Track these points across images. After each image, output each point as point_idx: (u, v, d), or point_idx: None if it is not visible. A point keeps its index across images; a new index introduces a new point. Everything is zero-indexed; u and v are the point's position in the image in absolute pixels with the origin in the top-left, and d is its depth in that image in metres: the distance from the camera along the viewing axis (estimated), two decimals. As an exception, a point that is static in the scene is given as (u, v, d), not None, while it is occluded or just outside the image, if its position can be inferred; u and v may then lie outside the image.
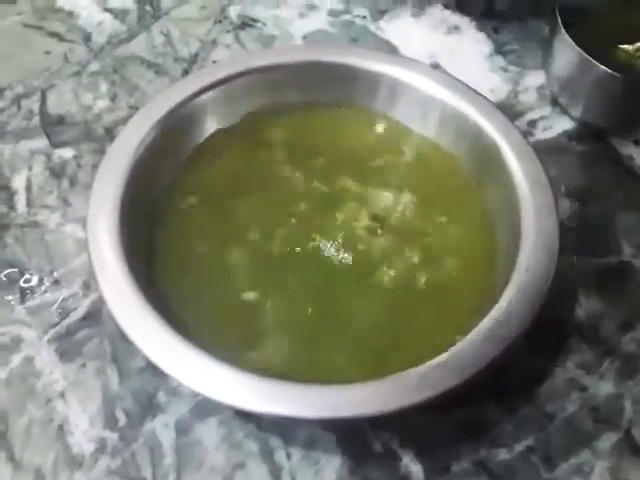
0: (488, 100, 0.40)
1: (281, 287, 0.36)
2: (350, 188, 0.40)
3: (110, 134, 0.45)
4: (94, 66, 0.49)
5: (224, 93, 0.40)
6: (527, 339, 0.34)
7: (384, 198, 0.39)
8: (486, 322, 0.32)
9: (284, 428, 0.35)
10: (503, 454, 0.34)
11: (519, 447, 0.35)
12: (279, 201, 0.39)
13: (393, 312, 0.35)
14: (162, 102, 0.39)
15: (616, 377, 0.37)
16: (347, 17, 0.52)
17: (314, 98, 0.42)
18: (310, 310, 0.35)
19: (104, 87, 0.48)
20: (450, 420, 0.35)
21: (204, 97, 0.40)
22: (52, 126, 0.46)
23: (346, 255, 0.37)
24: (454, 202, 0.39)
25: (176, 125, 0.39)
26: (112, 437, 0.35)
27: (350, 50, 0.43)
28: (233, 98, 0.41)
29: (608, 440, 0.35)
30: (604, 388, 0.36)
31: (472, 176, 0.40)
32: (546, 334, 0.37)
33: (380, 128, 0.42)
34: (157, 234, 0.37)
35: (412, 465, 0.34)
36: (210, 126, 0.41)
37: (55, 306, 0.39)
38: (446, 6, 0.53)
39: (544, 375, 0.37)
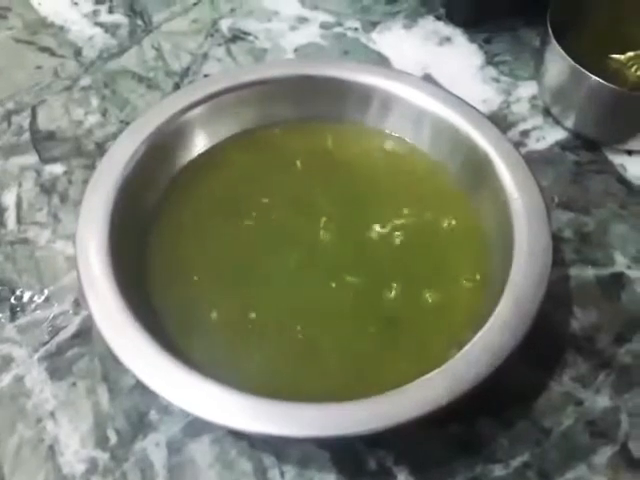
0: (479, 112, 0.40)
1: (275, 305, 0.36)
2: (345, 203, 0.39)
3: (101, 149, 0.45)
4: (85, 81, 0.49)
5: (215, 108, 0.40)
6: (522, 353, 0.33)
7: (377, 213, 0.39)
8: (479, 337, 0.32)
9: (277, 446, 0.34)
10: (499, 470, 0.34)
11: (515, 463, 0.34)
12: (272, 217, 0.39)
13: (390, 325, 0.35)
14: (152, 117, 0.39)
15: (612, 390, 0.36)
16: (339, 29, 0.52)
17: (306, 112, 0.42)
18: (301, 327, 0.35)
19: (95, 102, 0.48)
20: (445, 436, 0.35)
21: (195, 112, 0.40)
22: (42, 142, 0.46)
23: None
24: (446, 213, 0.39)
25: (167, 140, 0.39)
26: (103, 457, 0.34)
27: (341, 64, 0.43)
28: (224, 113, 0.40)
29: (604, 454, 0.34)
30: (600, 401, 0.36)
31: (465, 188, 0.39)
32: (541, 347, 0.37)
33: (375, 142, 0.42)
34: (148, 251, 0.37)
35: (407, 482, 0.34)
36: (201, 141, 0.40)
37: (45, 324, 0.38)
38: (438, 18, 0.53)
39: (539, 389, 0.36)
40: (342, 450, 0.34)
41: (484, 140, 0.39)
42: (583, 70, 0.42)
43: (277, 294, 0.36)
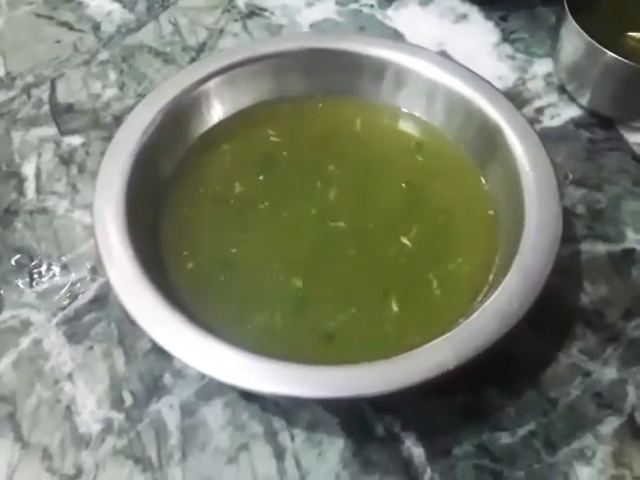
0: (494, 87, 0.41)
1: (290, 267, 0.37)
2: (355, 176, 0.40)
3: (118, 122, 0.46)
4: (103, 55, 0.50)
5: (230, 80, 0.41)
6: (531, 324, 0.34)
7: (390, 187, 0.40)
8: (488, 305, 0.33)
9: (288, 410, 0.35)
10: (505, 438, 0.35)
11: (521, 431, 0.35)
12: (285, 187, 0.40)
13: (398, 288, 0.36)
14: (168, 89, 0.40)
15: (620, 363, 0.37)
16: (355, 6, 0.53)
17: (320, 85, 0.42)
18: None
19: (113, 76, 0.49)
20: (452, 404, 0.36)
21: (210, 84, 0.40)
22: (61, 114, 0.47)
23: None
24: (456, 188, 0.39)
25: (182, 111, 0.40)
26: (118, 417, 0.35)
27: (355, 37, 0.44)
28: (239, 85, 0.41)
29: (611, 425, 0.35)
30: (608, 374, 0.37)
31: (477, 162, 0.40)
32: (550, 320, 0.37)
33: (386, 116, 0.42)
34: (163, 219, 0.38)
35: (414, 448, 0.35)
36: (216, 113, 0.41)
37: (63, 290, 0.39)
38: (454, -6, 0.53)
39: (548, 361, 0.37)
40: (350, 415, 0.35)
41: (498, 115, 0.39)
42: (599, 46, 0.42)
43: (290, 255, 0.37)
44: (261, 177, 0.40)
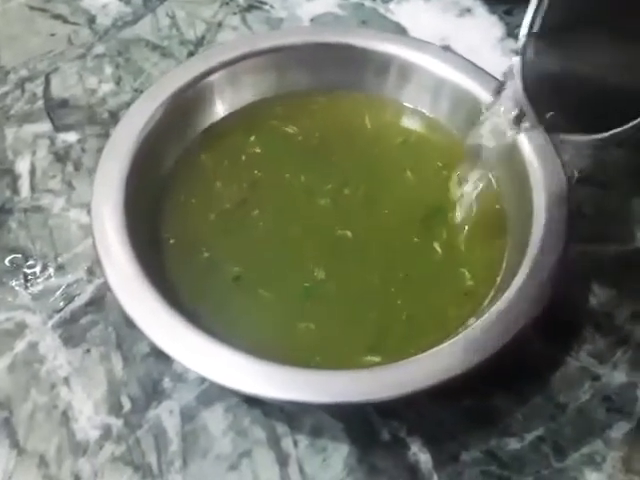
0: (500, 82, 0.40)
1: (290, 267, 0.36)
2: (361, 172, 0.40)
3: (115, 118, 0.45)
4: (99, 49, 0.49)
5: (230, 75, 0.40)
6: (539, 328, 0.34)
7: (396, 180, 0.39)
8: (496, 308, 0.32)
9: (291, 415, 0.35)
10: (513, 443, 0.34)
11: (530, 437, 0.35)
12: (287, 180, 0.39)
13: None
14: (167, 84, 0.39)
15: (629, 366, 0.37)
16: (356, -1, 0.52)
17: (322, 81, 0.42)
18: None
19: (109, 70, 0.48)
20: (460, 409, 0.35)
21: (210, 79, 0.40)
22: (56, 110, 0.46)
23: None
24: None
25: (183, 107, 0.39)
26: (117, 423, 0.35)
27: (358, 31, 0.43)
28: (240, 80, 0.41)
29: (620, 429, 0.35)
30: (617, 377, 0.36)
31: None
32: (559, 323, 0.37)
33: (390, 111, 0.42)
34: (164, 218, 0.37)
35: (420, 454, 0.34)
36: (215, 108, 0.41)
37: (59, 292, 0.39)
38: (458, -12, 0.52)
39: (556, 364, 0.37)
40: (355, 420, 0.35)
41: (505, 112, 0.39)
42: (607, 41, 0.42)
43: (298, 255, 0.36)
44: (265, 173, 0.39)
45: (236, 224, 0.38)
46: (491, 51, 0.49)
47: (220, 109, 0.41)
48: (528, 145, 0.37)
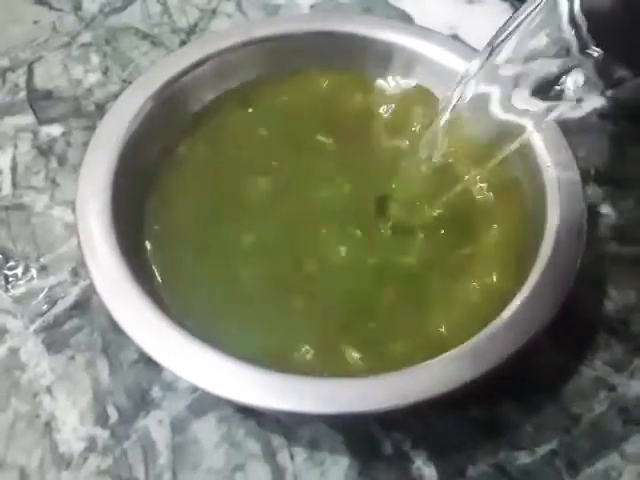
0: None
1: (287, 266, 0.36)
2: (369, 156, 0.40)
3: (102, 110, 0.45)
4: (85, 37, 0.50)
5: (225, 64, 0.40)
6: (552, 334, 0.34)
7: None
8: (505, 314, 0.32)
9: (287, 426, 0.35)
10: (524, 457, 0.35)
11: (541, 450, 0.35)
12: (287, 170, 0.39)
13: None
14: (156, 75, 0.39)
15: (647, 376, 0.37)
16: (359, -15, 0.52)
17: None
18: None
19: (95, 60, 0.48)
20: (467, 420, 0.35)
21: (202, 69, 0.40)
22: (39, 101, 0.46)
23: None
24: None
25: (173, 98, 0.39)
26: (102, 435, 0.35)
27: (361, 19, 0.43)
28: (233, 71, 0.41)
29: (638, 443, 0.35)
30: (634, 387, 0.36)
31: (491, 156, 0.39)
32: (572, 329, 0.37)
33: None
34: (153, 216, 0.38)
35: (425, 468, 0.34)
36: (209, 99, 0.41)
37: (42, 294, 0.39)
38: (467, -27, 0.53)
39: (569, 373, 0.37)
40: (356, 432, 0.35)
41: (515, 105, 0.39)
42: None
43: (297, 252, 0.37)
44: (261, 164, 0.40)
45: (234, 220, 0.38)
46: (502, 40, 0.50)
47: (212, 100, 0.41)
48: (539, 141, 0.37)
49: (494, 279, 0.36)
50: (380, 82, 0.42)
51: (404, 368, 0.31)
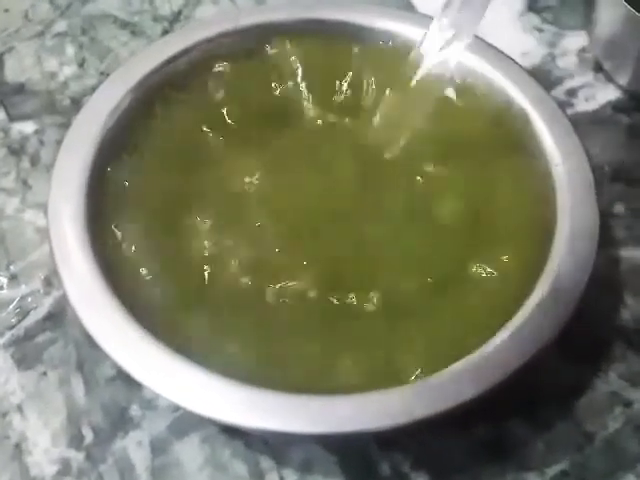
0: (518, 64, 0.41)
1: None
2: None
3: (77, 105, 0.45)
4: (59, 26, 0.50)
5: (209, 55, 0.40)
6: (562, 345, 0.34)
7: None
8: (511, 324, 0.32)
9: (277, 447, 0.35)
10: (533, 479, 0.34)
11: (551, 471, 0.35)
12: (279, 159, 0.39)
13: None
14: (137, 66, 0.39)
15: (666, 390, 0.37)
16: (356, -31, 0.52)
17: None
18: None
19: (71, 51, 0.49)
20: (471, 438, 0.35)
21: (184, 60, 0.40)
22: (10, 96, 0.46)
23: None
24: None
25: (152, 94, 0.39)
26: (77, 457, 0.35)
27: (356, 6, 0.43)
28: (219, 61, 0.41)
29: (656, 463, 0.35)
30: (652, 403, 0.36)
31: (499, 152, 0.39)
32: (585, 340, 0.37)
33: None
34: (130, 220, 0.37)
35: (426, 491, 0.34)
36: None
37: (12, 305, 0.39)
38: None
39: (582, 388, 0.37)
40: (351, 452, 0.35)
41: (523, 98, 0.39)
42: (642, 17, 0.42)
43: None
44: (251, 157, 0.39)
45: (217, 224, 0.37)
46: (510, 27, 0.50)
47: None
48: (549, 136, 0.38)
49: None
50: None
51: (395, 386, 0.31)
